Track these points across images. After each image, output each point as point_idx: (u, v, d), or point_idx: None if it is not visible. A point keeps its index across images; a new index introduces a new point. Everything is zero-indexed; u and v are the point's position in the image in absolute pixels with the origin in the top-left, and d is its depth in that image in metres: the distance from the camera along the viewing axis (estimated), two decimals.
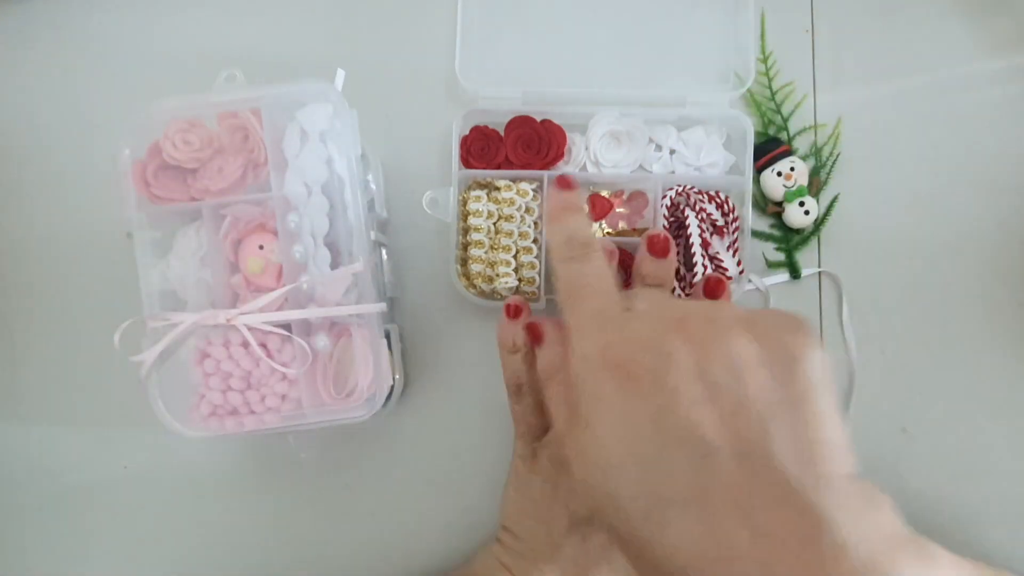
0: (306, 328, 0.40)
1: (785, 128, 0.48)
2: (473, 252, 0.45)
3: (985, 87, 0.48)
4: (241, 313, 0.39)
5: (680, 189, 0.45)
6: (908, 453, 0.46)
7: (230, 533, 0.48)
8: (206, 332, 0.40)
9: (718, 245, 0.45)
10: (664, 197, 0.45)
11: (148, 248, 0.41)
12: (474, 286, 0.45)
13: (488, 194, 0.46)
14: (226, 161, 0.40)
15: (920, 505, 0.45)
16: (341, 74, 0.41)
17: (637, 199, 0.47)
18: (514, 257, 0.45)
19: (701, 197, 0.45)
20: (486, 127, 0.47)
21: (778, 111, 0.48)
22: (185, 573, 0.48)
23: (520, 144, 0.46)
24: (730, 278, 0.44)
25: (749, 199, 0.46)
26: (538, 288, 0.45)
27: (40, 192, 0.50)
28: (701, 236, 0.44)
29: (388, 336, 0.43)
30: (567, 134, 0.46)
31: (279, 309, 0.39)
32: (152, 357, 0.39)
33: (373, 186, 0.45)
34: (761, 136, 0.48)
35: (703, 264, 0.44)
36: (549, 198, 0.37)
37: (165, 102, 0.40)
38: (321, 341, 0.40)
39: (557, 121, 0.46)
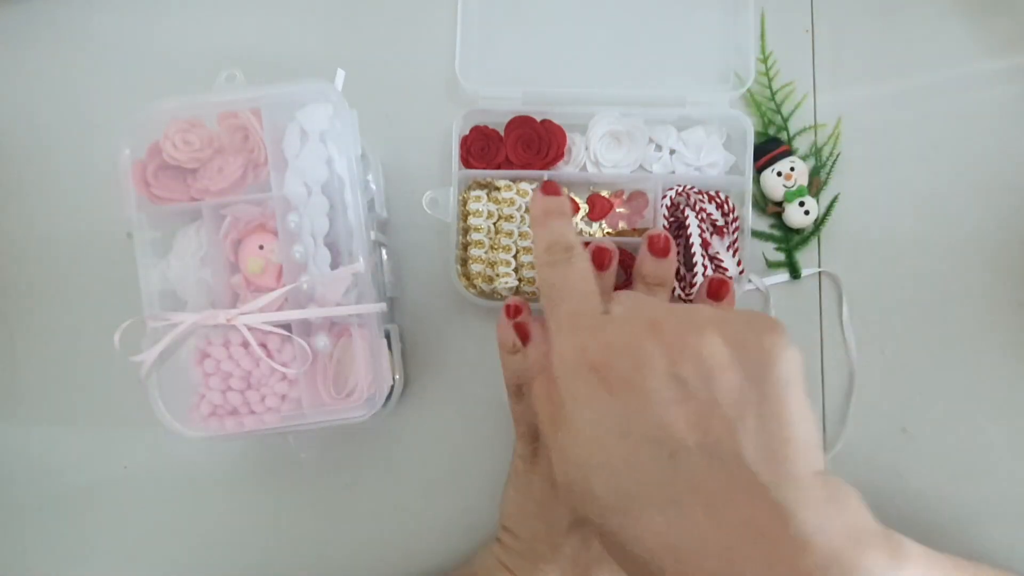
0: (306, 328, 0.40)
1: (785, 128, 0.48)
2: (473, 252, 0.45)
3: (985, 87, 0.48)
4: (241, 313, 0.39)
5: (680, 189, 0.45)
6: (908, 453, 0.46)
7: (230, 533, 0.48)
8: (206, 332, 0.40)
9: (718, 245, 0.45)
10: (664, 197, 0.45)
11: (148, 248, 0.41)
12: (474, 286, 0.45)
13: (488, 194, 0.46)
14: (226, 161, 0.40)
15: (920, 505, 0.45)
16: (341, 74, 0.41)
17: (637, 199, 0.47)
18: (514, 257, 0.45)
19: (701, 197, 0.45)
20: (486, 127, 0.47)
21: (778, 111, 0.48)
22: (185, 573, 0.48)
23: (520, 144, 0.46)
24: (730, 278, 0.44)
25: (749, 199, 0.46)
26: (538, 288, 0.45)
27: (40, 192, 0.50)
28: (701, 236, 0.44)
29: (388, 336, 0.44)
30: (567, 134, 0.46)
31: (279, 309, 0.39)
32: (152, 357, 0.39)
33: (373, 186, 0.45)
34: (761, 136, 0.48)
35: (703, 264, 0.44)
36: (533, 203, 0.37)
37: (165, 102, 0.40)
38: (321, 341, 0.40)
39: (557, 121, 0.46)
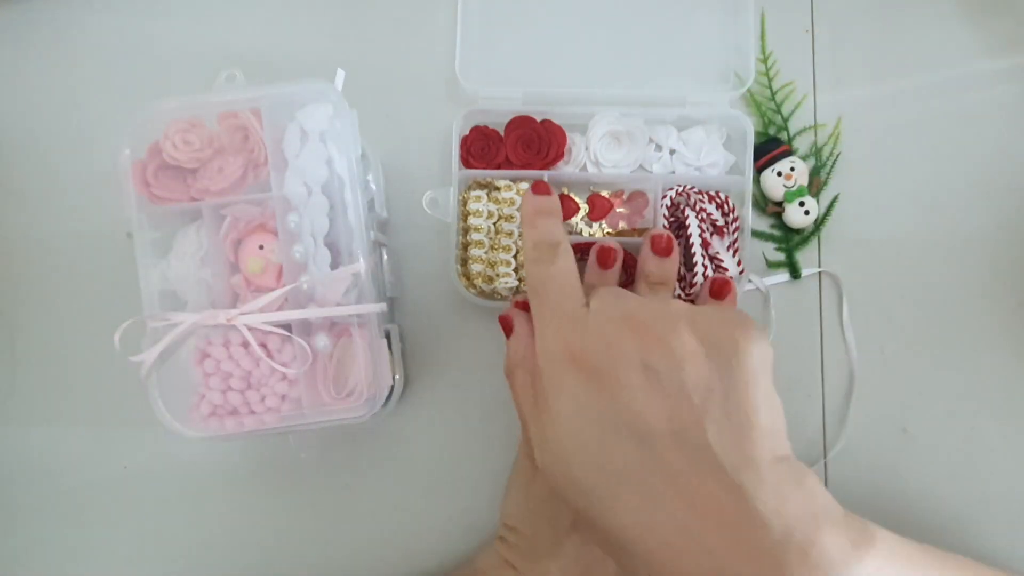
0: (306, 328, 0.40)
1: (785, 128, 0.48)
2: (473, 252, 0.45)
3: (985, 87, 0.48)
4: (241, 313, 0.39)
5: (680, 189, 0.45)
6: (908, 453, 0.46)
7: (230, 533, 0.48)
8: (206, 332, 0.40)
9: (718, 245, 0.45)
10: (664, 197, 0.45)
11: (148, 248, 0.41)
12: (474, 286, 0.45)
13: (488, 194, 0.46)
14: (226, 161, 0.40)
15: (920, 505, 0.45)
16: (341, 74, 0.41)
17: (637, 199, 0.47)
18: (514, 257, 0.45)
19: (701, 197, 0.45)
20: (486, 127, 0.47)
21: (778, 111, 0.48)
22: (185, 573, 0.48)
23: (520, 144, 0.46)
24: (731, 278, 0.44)
25: (749, 199, 0.46)
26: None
27: (40, 192, 0.50)
28: (701, 236, 0.44)
29: (388, 336, 0.44)
30: (567, 134, 0.46)
31: (279, 309, 0.39)
32: (152, 357, 0.39)
33: (373, 186, 0.45)
34: (761, 136, 0.48)
35: (703, 264, 0.44)
36: (524, 202, 0.39)
37: (165, 102, 0.40)
38: (321, 341, 0.40)
39: (557, 121, 0.46)
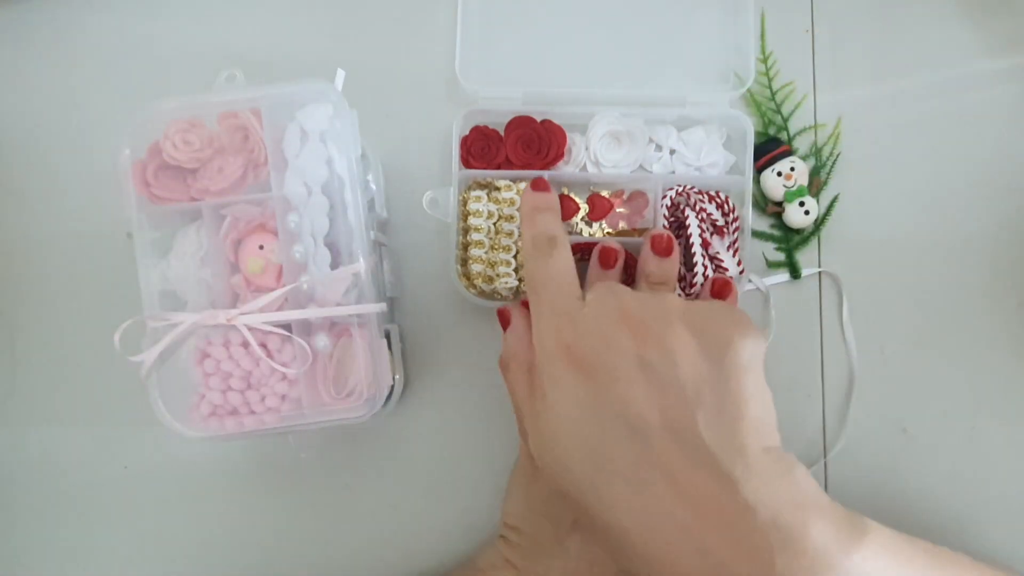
0: (306, 328, 0.40)
1: (785, 128, 0.48)
2: (473, 252, 0.45)
3: (985, 87, 0.48)
4: (241, 313, 0.39)
5: (680, 189, 0.45)
6: (908, 453, 0.46)
7: (230, 533, 0.48)
8: (206, 332, 0.40)
9: (718, 245, 0.45)
10: (664, 197, 0.45)
11: (148, 248, 0.41)
12: (474, 286, 0.45)
13: (488, 194, 0.46)
14: (226, 161, 0.40)
15: (920, 505, 0.45)
16: (341, 74, 0.41)
17: (637, 199, 0.47)
18: (514, 257, 0.45)
19: (701, 197, 0.45)
20: (486, 127, 0.47)
21: (778, 111, 0.48)
22: (185, 573, 0.48)
23: (520, 144, 0.46)
24: (731, 278, 0.44)
25: (749, 199, 0.46)
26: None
27: (40, 192, 0.50)
28: (701, 236, 0.44)
29: (388, 336, 0.43)
30: (567, 134, 0.46)
31: (279, 309, 0.39)
32: (152, 357, 0.39)
33: (373, 186, 0.45)
34: (761, 136, 0.48)
35: (703, 264, 0.44)
36: (523, 199, 0.40)
37: (165, 102, 0.40)
38: (321, 341, 0.40)
39: (557, 121, 0.46)
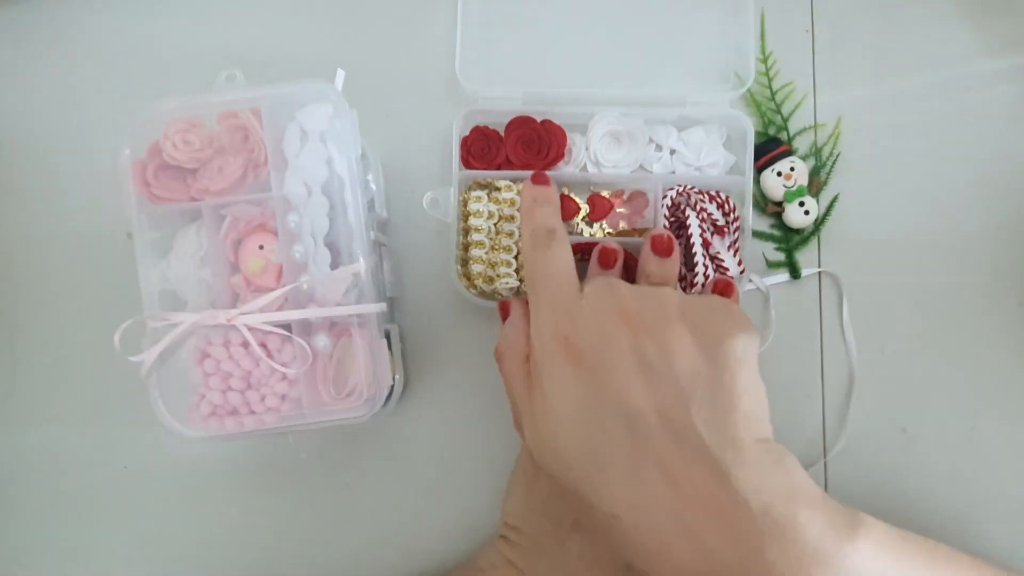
0: (306, 328, 0.40)
1: (785, 128, 0.48)
2: (474, 252, 0.45)
3: (985, 87, 0.48)
4: (241, 313, 0.39)
5: (680, 189, 0.45)
6: (908, 453, 0.46)
7: (230, 533, 0.48)
8: (206, 332, 0.40)
9: (719, 245, 0.45)
10: (664, 197, 0.45)
11: (148, 248, 0.41)
12: (475, 286, 0.45)
13: (488, 194, 0.46)
14: (226, 161, 0.40)
15: (920, 505, 0.45)
16: (341, 74, 0.41)
17: (637, 199, 0.47)
18: (515, 258, 0.45)
19: (702, 197, 0.45)
20: (486, 127, 0.47)
21: (778, 111, 0.48)
22: (185, 573, 0.48)
23: (520, 144, 0.46)
24: (731, 278, 0.44)
25: (749, 199, 0.46)
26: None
27: (40, 192, 0.50)
28: (702, 236, 0.44)
29: (388, 336, 0.43)
30: (567, 134, 0.46)
31: (279, 309, 0.39)
32: (152, 357, 0.39)
33: (373, 186, 0.45)
34: (761, 136, 0.48)
35: (704, 264, 0.44)
36: (523, 192, 0.42)
37: (165, 102, 0.40)
38: (321, 341, 0.40)
39: (557, 121, 0.46)
